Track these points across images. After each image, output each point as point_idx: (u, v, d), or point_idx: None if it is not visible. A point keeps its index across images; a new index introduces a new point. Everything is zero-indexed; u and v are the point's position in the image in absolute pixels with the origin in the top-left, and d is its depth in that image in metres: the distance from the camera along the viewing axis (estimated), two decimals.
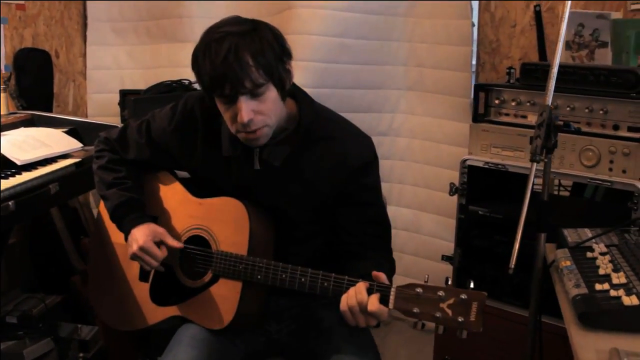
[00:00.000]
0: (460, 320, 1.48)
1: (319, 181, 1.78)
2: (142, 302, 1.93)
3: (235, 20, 1.64)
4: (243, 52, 1.56)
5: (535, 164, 1.71)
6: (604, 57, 2.75)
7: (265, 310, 1.87)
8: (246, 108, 1.60)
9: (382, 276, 1.58)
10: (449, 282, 1.55)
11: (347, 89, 3.21)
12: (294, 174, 1.78)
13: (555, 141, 1.72)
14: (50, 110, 3.15)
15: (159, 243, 1.82)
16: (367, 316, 1.55)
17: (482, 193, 2.45)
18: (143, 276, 1.95)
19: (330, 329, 1.83)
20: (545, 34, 2.89)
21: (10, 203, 1.91)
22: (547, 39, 2.88)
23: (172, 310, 1.87)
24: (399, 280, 1.64)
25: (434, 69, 3.21)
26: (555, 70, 1.75)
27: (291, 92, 1.77)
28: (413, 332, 3.29)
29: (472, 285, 1.52)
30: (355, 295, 1.55)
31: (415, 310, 1.51)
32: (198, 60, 1.62)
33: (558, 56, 1.76)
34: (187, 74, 3.17)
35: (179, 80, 3.10)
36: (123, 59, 3.48)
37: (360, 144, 1.81)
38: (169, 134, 1.88)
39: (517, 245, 1.67)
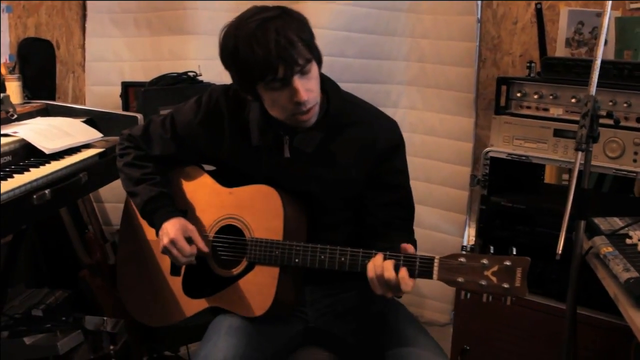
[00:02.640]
0: (505, 286, 1.50)
1: (348, 166, 1.80)
2: (176, 296, 1.92)
3: (262, 8, 1.64)
4: (289, 33, 1.58)
5: (580, 152, 1.74)
6: (604, 55, 2.81)
7: (301, 299, 1.87)
8: (302, 87, 1.62)
9: (409, 248, 1.61)
10: (492, 251, 1.56)
11: (352, 82, 3.20)
12: (325, 160, 1.80)
13: (598, 131, 1.76)
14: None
15: (189, 239, 1.81)
16: (394, 288, 1.57)
17: (501, 185, 2.49)
18: (174, 270, 1.93)
19: (382, 319, 1.83)
20: (546, 31, 2.95)
21: (46, 192, 1.87)
22: (547, 35, 2.94)
23: (207, 302, 1.85)
24: None
25: (436, 64, 3.24)
26: (598, 62, 1.80)
27: None
28: None
29: (514, 252, 1.53)
30: (384, 271, 1.56)
31: (460, 279, 1.53)
32: (239, 53, 1.61)
33: (601, 50, 1.80)
34: (190, 66, 3.15)
35: (185, 73, 3.06)
36: (122, 51, 3.41)
37: (387, 128, 1.85)
38: (195, 127, 1.88)
39: (563, 233, 1.70)
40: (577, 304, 1.94)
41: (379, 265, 1.58)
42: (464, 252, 1.55)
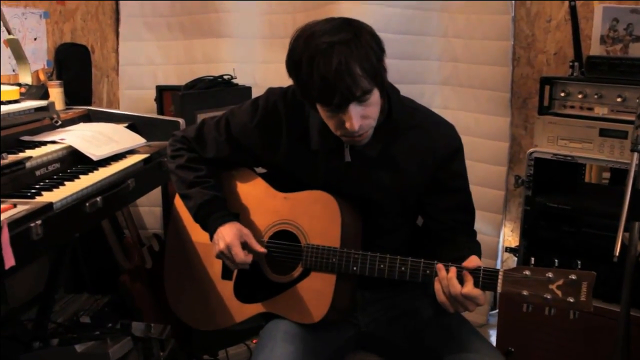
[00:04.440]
0: (570, 300, 1.49)
1: (409, 170, 1.79)
2: (227, 301, 1.91)
3: (334, 27, 1.59)
4: (352, 64, 1.54)
5: (636, 153, 1.73)
6: (639, 52, 2.79)
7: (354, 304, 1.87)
8: (356, 116, 1.60)
9: (473, 260, 1.60)
10: (556, 265, 1.54)
11: None
12: (386, 164, 1.79)
13: None
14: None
15: (244, 244, 1.81)
16: (467, 301, 1.57)
17: (544, 185, 2.48)
18: (226, 274, 1.92)
19: (434, 320, 1.83)
20: (580, 28, 2.92)
21: (98, 199, 1.87)
22: (581, 33, 2.92)
23: (259, 307, 1.85)
24: None
25: (470, 64, 3.23)
26: None
27: None
28: None
29: (579, 266, 1.52)
30: (449, 282, 1.57)
31: (525, 292, 1.52)
32: (302, 69, 1.59)
33: None
34: (224, 69, 3.16)
35: (221, 76, 3.07)
36: (156, 55, 3.43)
37: (447, 132, 1.83)
38: (250, 130, 1.86)
39: (620, 234, 1.69)
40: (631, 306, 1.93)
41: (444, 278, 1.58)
42: (528, 266, 1.53)
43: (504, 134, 3.18)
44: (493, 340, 2.73)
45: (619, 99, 2.28)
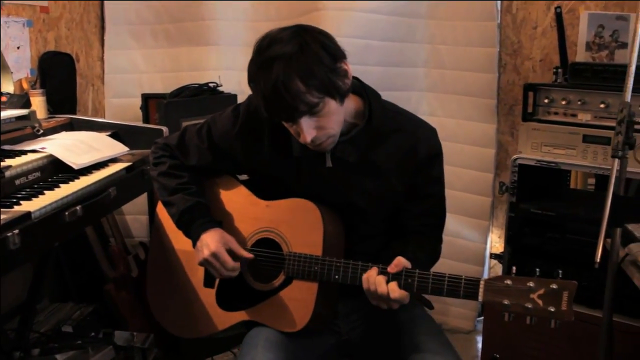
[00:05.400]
0: (551, 310, 1.49)
1: (390, 174, 1.79)
2: (209, 309, 1.90)
3: (283, 39, 1.57)
4: (292, 80, 1.52)
5: (617, 160, 1.72)
6: (624, 58, 2.80)
7: (335, 312, 1.86)
8: (307, 128, 1.60)
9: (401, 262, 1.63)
10: (538, 274, 1.54)
11: None
12: (367, 169, 1.78)
13: (634, 137, 1.74)
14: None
15: (229, 251, 1.79)
16: (390, 302, 1.62)
17: (528, 191, 2.48)
18: (208, 282, 1.91)
19: (407, 326, 1.82)
20: (566, 35, 2.93)
21: (77, 208, 1.86)
22: (567, 39, 2.93)
23: (241, 315, 1.84)
24: None
25: (456, 71, 3.23)
26: (633, 68, 1.77)
27: (355, 87, 1.76)
28: None
29: (560, 275, 1.52)
30: (377, 284, 1.61)
31: (506, 302, 1.51)
32: (251, 85, 1.61)
33: (635, 55, 1.78)
34: (210, 77, 3.16)
35: (206, 84, 3.07)
36: (141, 63, 3.42)
37: (428, 136, 1.83)
38: (233, 137, 1.85)
39: (601, 241, 1.69)
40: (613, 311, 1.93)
41: (372, 282, 1.63)
42: (510, 275, 1.53)
43: (490, 141, 3.18)
44: (479, 347, 2.72)
45: (602, 105, 2.29)
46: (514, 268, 1.55)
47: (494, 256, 2.57)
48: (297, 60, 1.53)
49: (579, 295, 2.26)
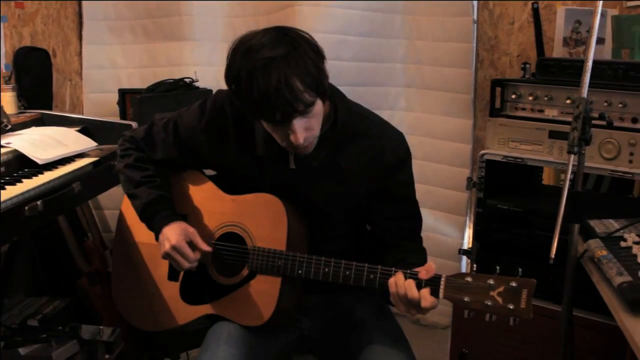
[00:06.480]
0: (510, 307, 1.50)
1: (355, 178, 1.78)
2: (173, 302, 1.90)
3: (271, 40, 1.55)
4: (292, 79, 1.51)
5: (572, 155, 1.73)
6: (601, 54, 2.80)
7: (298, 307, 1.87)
8: (300, 129, 1.58)
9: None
10: (498, 271, 1.56)
11: (348, 86, 3.17)
12: (331, 172, 1.78)
13: (590, 133, 1.74)
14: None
15: (190, 243, 1.79)
16: (420, 309, 1.56)
17: (499, 187, 2.48)
18: (172, 275, 1.92)
19: (363, 322, 1.84)
20: (543, 30, 2.94)
21: (38, 203, 1.86)
22: (544, 35, 2.93)
23: (204, 309, 1.84)
24: None
25: (433, 66, 3.24)
26: (590, 63, 1.77)
27: None
28: (413, 327, 3.32)
29: (520, 273, 1.53)
30: (406, 290, 1.55)
31: (466, 299, 1.52)
32: (241, 85, 1.55)
33: (592, 51, 1.78)
34: (187, 72, 3.16)
35: (182, 79, 3.07)
36: (119, 58, 3.44)
37: (395, 140, 1.81)
38: (199, 133, 1.84)
39: (556, 237, 1.69)
40: (575, 306, 1.94)
41: (401, 285, 1.57)
42: (470, 272, 1.55)
43: (467, 136, 3.19)
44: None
45: (568, 101, 2.28)
46: (475, 265, 1.56)
47: (462, 252, 2.57)
48: (294, 59, 1.53)
49: (546, 291, 2.31)
